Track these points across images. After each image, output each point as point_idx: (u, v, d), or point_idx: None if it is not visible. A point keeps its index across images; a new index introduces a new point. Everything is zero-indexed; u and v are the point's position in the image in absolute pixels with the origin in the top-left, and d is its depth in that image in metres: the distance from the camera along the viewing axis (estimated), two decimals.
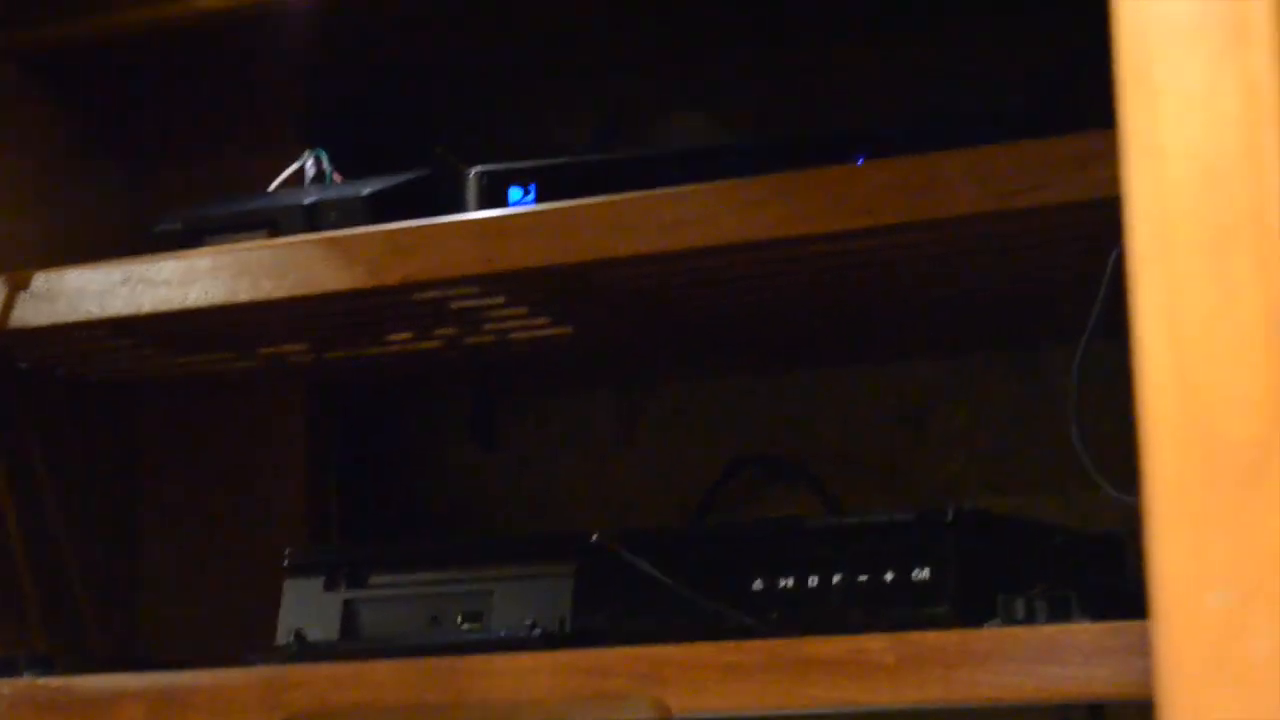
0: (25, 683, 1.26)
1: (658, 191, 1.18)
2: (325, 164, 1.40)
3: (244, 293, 1.28)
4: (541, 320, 1.35)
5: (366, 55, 1.55)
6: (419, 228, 1.23)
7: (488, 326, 1.36)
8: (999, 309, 1.38)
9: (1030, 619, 1.03)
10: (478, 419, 1.53)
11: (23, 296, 1.33)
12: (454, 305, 1.30)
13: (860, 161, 1.16)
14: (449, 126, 1.59)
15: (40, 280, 1.33)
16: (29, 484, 1.48)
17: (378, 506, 1.60)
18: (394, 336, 1.39)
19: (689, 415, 1.55)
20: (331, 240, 1.26)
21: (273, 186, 1.41)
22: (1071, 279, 1.18)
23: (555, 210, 1.20)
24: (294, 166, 1.40)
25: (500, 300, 1.29)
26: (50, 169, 1.55)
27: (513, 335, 1.38)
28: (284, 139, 1.56)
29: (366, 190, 1.30)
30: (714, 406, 1.54)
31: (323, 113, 1.58)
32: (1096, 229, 1.07)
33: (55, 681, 1.26)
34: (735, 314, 1.37)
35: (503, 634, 1.18)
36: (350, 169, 1.44)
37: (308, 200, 1.31)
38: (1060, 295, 1.27)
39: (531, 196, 1.26)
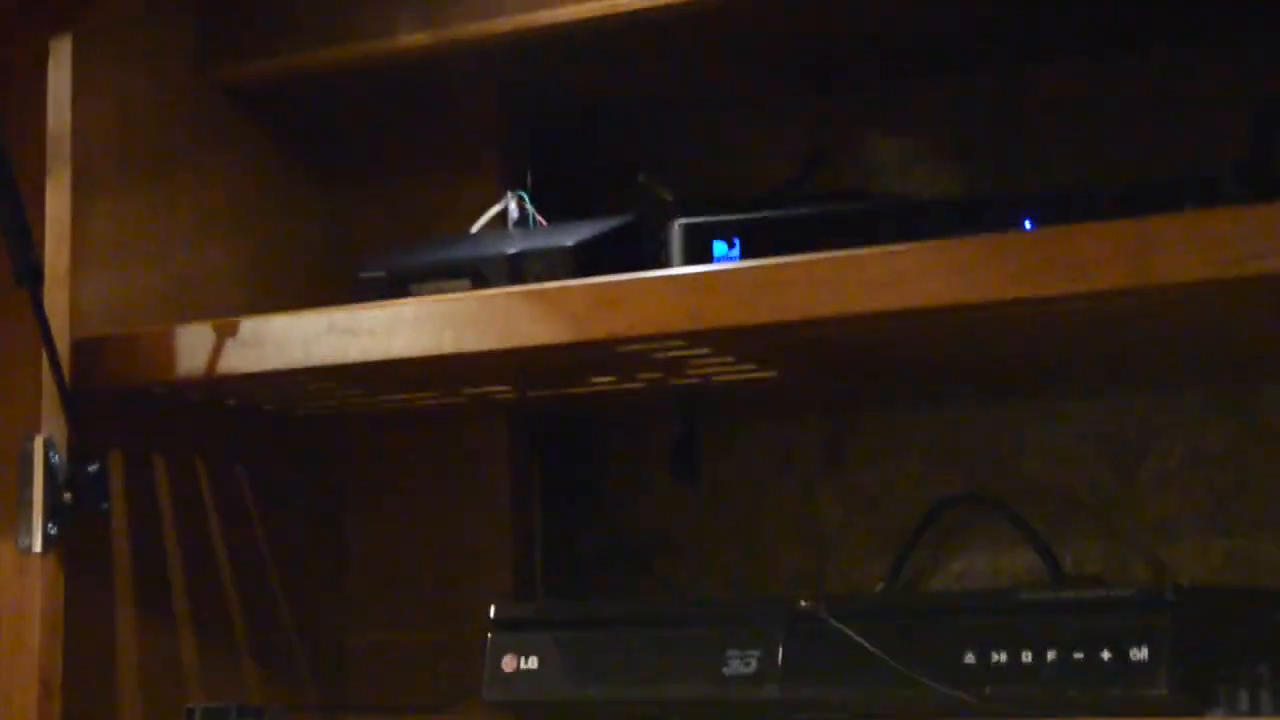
0: None
1: (866, 251, 1.16)
2: (528, 206, 1.39)
3: (448, 344, 1.28)
4: (747, 366, 1.34)
5: (563, 86, 1.54)
6: (624, 283, 1.22)
7: (691, 371, 1.35)
8: (1216, 348, 1.35)
9: (1255, 709, 1.00)
10: (680, 452, 1.52)
11: (230, 343, 1.34)
12: (658, 355, 1.29)
13: (1071, 221, 1.13)
14: (648, 151, 1.58)
15: (247, 327, 1.34)
16: (239, 520, 1.49)
17: (580, 539, 1.60)
18: (597, 379, 1.38)
19: (894, 447, 1.53)
20: (536, 294, 1.25)
21: (475, 228, 1.41)
22: None
23: (762, 268, 1.19)
24: (496, 209, 1.40)
25: (705, 351, 1.28)
26: (256, 199, 1.56)
27: (716, 378, 1.37)
28: (484, 169, 1.56)
29: (571, 241, 1.29)
30: (920, 439, 1.52)
31: (522, 144, 1.57)
32: None
33: None
34: (944, 359, 1.34)
35: (707, 697, 1.17)
36: (549, 200, 1.43)
37: (512, 250, 1.30)
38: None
39: (736, 250, 1.24)
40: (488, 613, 1.31)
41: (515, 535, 1.56)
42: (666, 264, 1.26)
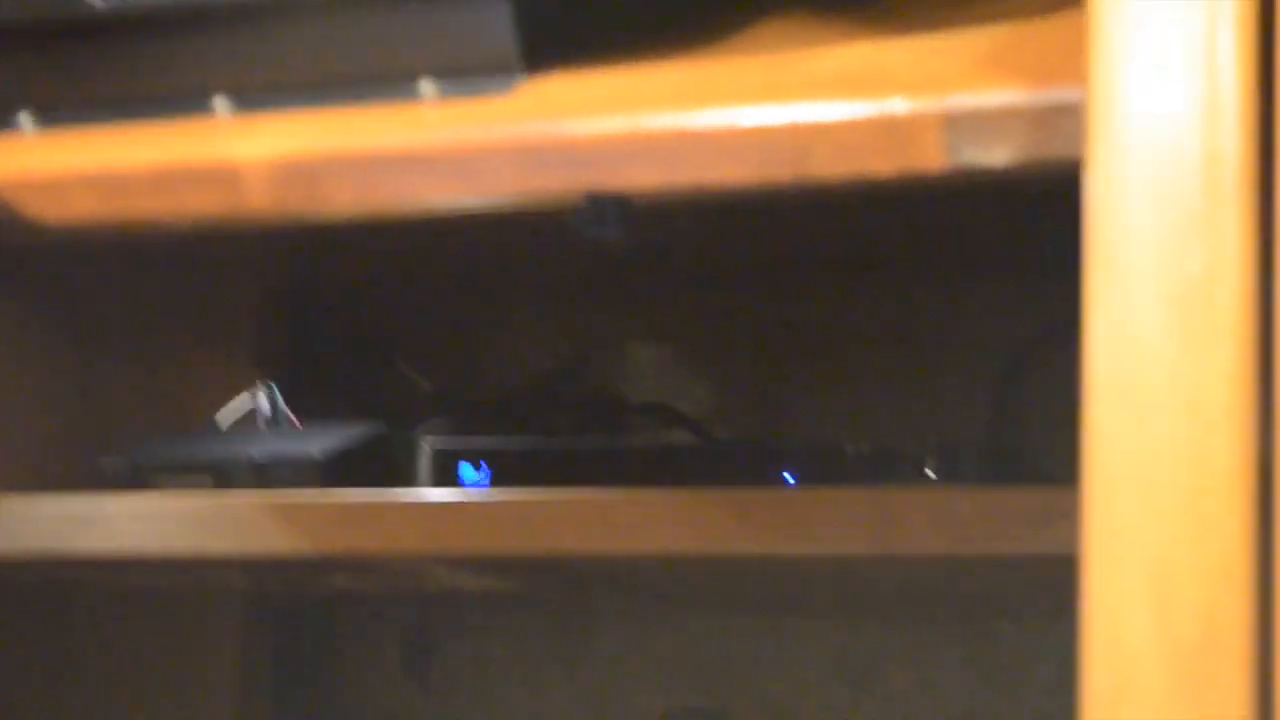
0: None
1: (614, 495, 1.16)
2: (278, 400, 1.38)
3: (186, 544, 1.25)
4: (488, 578, 1.34)
5: (325, 275, 1.54)
6: (367, 505, 1.21)
7: (431, 580, 1.34)
8: (949, 593, 1.37)
9: None
10: (413, 644, 1.51)
11: None
12: (399, 567, 1.28)
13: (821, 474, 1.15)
14: (409, 339, 1.58)
15: None
16: None
17: None
18: (335, 579, 1.37)
19: (635, 656, 1.53)
20: (278, 505, 1.23)
21: (222, 419, 1.39)
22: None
23: (509, 503, 1.18)
24: (245, 403, 1.38)
25: (446, 569, 1.28)
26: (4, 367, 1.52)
27: (458, 586, 1.37)
28: (239, 352, 1.54)
29: (318, 451, 1.27)
30: (660, 649, 1.53)
31: (280, 329, 1.56)
32: (1055, 581, 1.06)
33: None
34: (684, 584, 1.35)
35: None
36: (307, 386, 1.42)
37: (256, 454, 1.29)
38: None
39: (485, 475, 1.24)
40: None
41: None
42: (415, 479, 1.25)
